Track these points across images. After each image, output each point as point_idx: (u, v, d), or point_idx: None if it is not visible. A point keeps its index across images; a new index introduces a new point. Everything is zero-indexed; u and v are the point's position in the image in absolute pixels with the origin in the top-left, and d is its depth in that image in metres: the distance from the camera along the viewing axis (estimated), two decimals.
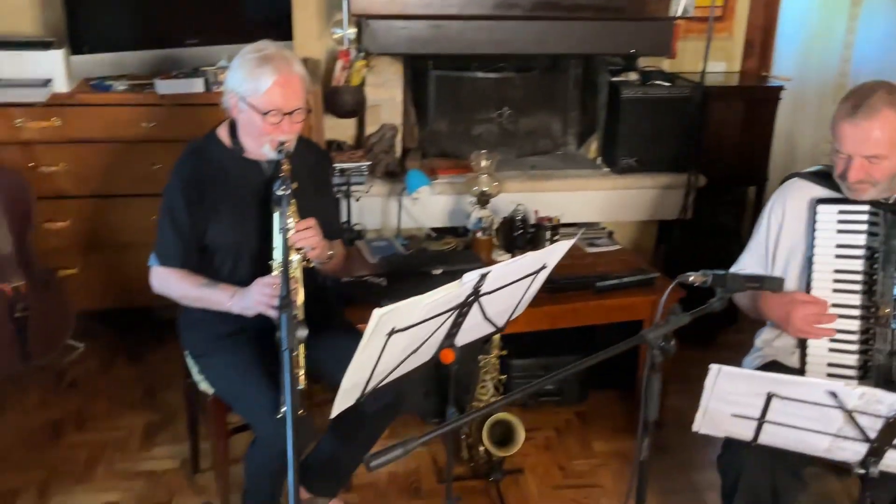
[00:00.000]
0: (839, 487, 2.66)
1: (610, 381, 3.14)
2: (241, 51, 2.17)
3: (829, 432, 1.52)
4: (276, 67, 2.08)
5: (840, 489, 2.66)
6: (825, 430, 1.52)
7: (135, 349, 3.38)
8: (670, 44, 3.59)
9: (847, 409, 1.45)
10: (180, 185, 2.18)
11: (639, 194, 3.69)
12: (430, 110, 3.79)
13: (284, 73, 2.09)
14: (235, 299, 2.12)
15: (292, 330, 1.52)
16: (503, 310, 1.86)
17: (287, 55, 2.16)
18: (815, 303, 2.01)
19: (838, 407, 1.46)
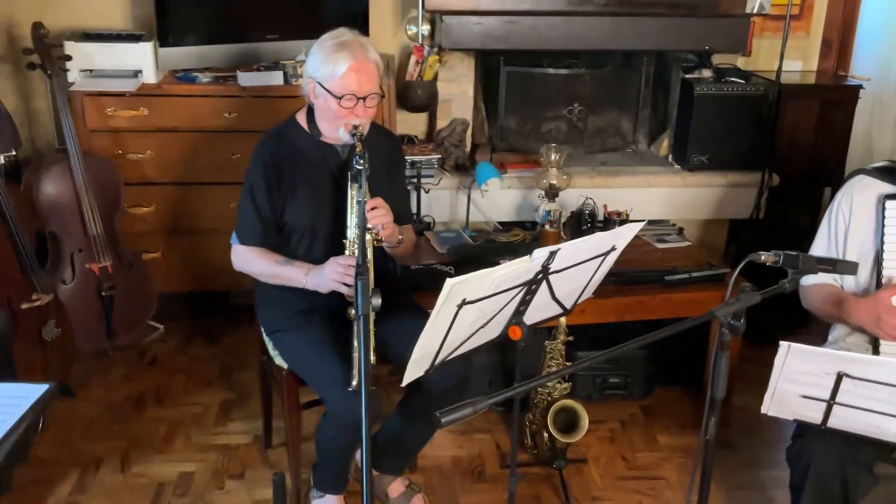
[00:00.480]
0: None
1: (676, 378, 3.12)
2: (320, 38, 2.26)
3: None
4: (352, 53, 2.16)
5: None
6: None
7: (211, 331, 3.52)
8: (745, 41, 3.56)
9: None
10: (260, 167, 2.28)
11: (709, 192, 3.66)
12: (500, 106, 3.84)
13: (360, 59, 2.17)
14: (310, 276, 2.21)
15: (367, 296, 1.57)
16: (571, 291, 1.88)
17: (363, 41, 2.24)
18: (875, 301, 1.96)
19: None
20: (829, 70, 3.96)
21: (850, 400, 1.54)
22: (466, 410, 1.30)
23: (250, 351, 3.32)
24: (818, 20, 3.92)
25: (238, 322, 3.58)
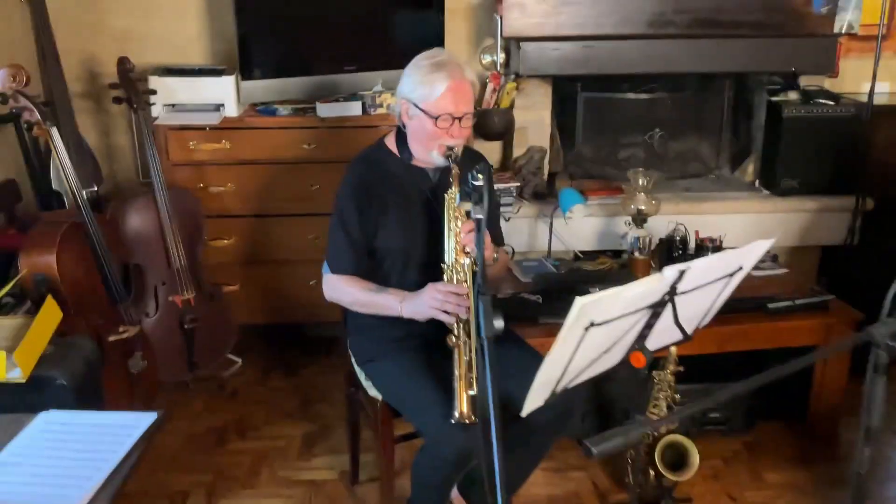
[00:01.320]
0: None
1: (778, 411, 2.96)
2: (414, 59, 2.22)
3: None
4: (449, 73, 2.12)
5: None
6: None
7: (289, 363, 3.47)
8: (833, 62, 3.44)
9: None
10: (350, 191, 2.23)
11: (800, 217, 3.52)
12: (577, 132, 3.77)
13: (457, 79, 2.12)
14: (406, 303, 2.14)
15: (489, 318, 1.49)
16: (693, 315, 1.78)
17: (459, 62, 2.19)
18: None
19: None
20: None
21: None
22: (618, 440, 1.19)
23: (330, 383, 3.28)
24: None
25: (315, 354, 3.54)
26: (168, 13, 3.55)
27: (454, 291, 2.05)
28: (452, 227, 2.12)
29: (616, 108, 3.75)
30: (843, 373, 2.80)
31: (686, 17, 3.34)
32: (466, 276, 2.09)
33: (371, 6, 3.42)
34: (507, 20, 3.31)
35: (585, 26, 3.34)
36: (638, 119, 3.77)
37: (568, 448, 2.80)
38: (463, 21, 3.67)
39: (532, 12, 3.31)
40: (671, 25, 3.35)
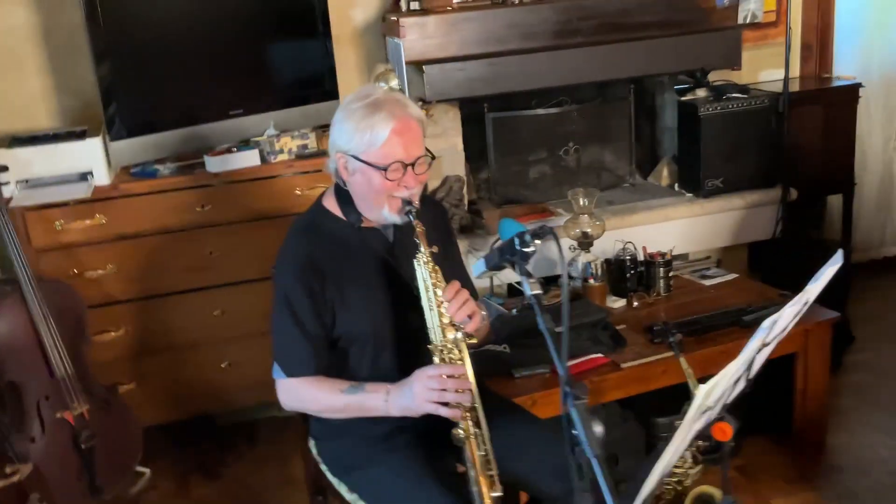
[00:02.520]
0: None
1: (761, 426, 2.79)
2: (342, 102, 1.84)
3: None
4: (389, 113, 1.75)
5: None
6: None
7: (206, 464, 2.95)
8: (738, 54, 3.36)
9: None
10: (296, 272, 1.81)
11: (729, 216, 3.41)
12: (489, 156, 3.50)
13: (401, 119, 1.75)
14: (393, 399, 1.75)
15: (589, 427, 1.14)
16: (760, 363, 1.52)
17: (398, 96, 1.84)
18: None
19: None
20: (812, 74, 3.84)
21: None
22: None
23: (263, 479, 2.81)
24: (796, 25, 3.79)
25: (234, 447, 3.04)
26: (2, 71, 2.96)
27: (450, 373, 1.69)
28: (432, 297, 1.75)
29: (525, 126, 3.52)
30: (824, 375, 2.68)
31: (592, 23, 3.16)
32: (461, 353, 1.74)
33: (250, 40, 2.99)
34: (408, 43, 2.99)
35: (488, 42, 3.08)
36: (548, 135, 3.56)
37: None
38: (350, 48, 3.32)
39: (433, 32, 3.02)
40: (578, 34, 3.16)
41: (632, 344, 2.51)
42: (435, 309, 1.75)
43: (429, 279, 1.75)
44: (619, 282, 2.87)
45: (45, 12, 2.95)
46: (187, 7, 2.87)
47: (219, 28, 2.92)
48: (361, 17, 3.32)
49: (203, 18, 2.89)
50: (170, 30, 2.82)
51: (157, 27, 2.80)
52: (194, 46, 2.88)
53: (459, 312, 1.74)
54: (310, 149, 2.92)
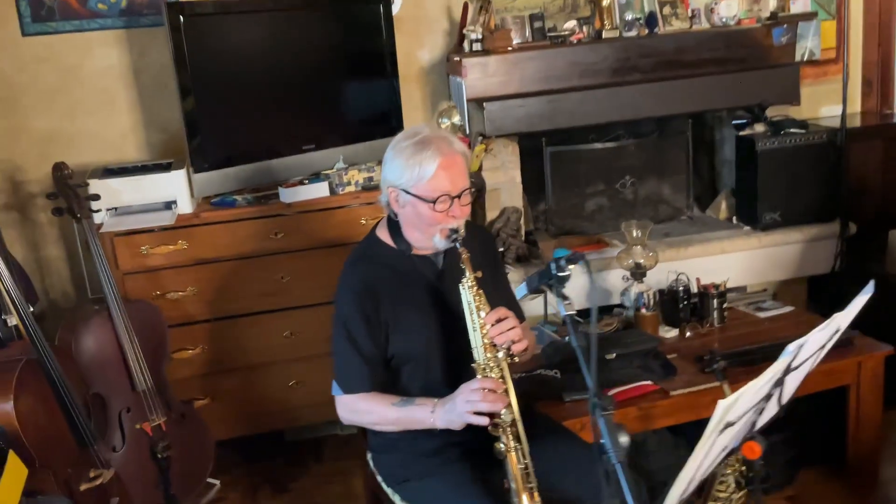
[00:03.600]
0: None
1: (817, 458, 2.81)
2: (392, 141, 1.99)
3: None
4: (437, 150, 1.89)
5: None
6: None
7: (276, 478, 3.11)
8: (797, 90, 3.41)
9: None
10: (353, 298, 1.96)
11: (787, 250, 3.44)
12: (547, 189, 3.61)
13: (447, 154, 1.90)
14: (439, 412, 1.87)
15: (614, 434, 1.25)
16: (791, 388, 1.59)
17: (444, 134, 1.98)
18: None
19: None
20: (873, 110, 3.85)
21: None
22: None
23: (329, 493, 2.95)
24: (856, 61, 3.82)
25: (303, 462, 3.19)
26: (94, 108, 3.24)
27: (488, 387, 1.80)
28: (476, 319, 1.87)
29: (583, 160, 3.62)
30: (877, 408, 2.68)
31: (650, 61, 3.27)
32: (503, 370, 1.85)
33: (323, 80, 3.20)
34: (469, 81, 3.15)
35: (549, 80, 3.22)
36: (605, 168, 3.65)
37: None
38: (416, 86, 3.50)
39: (494, 71, 3.18)
40: (636, 71, 3.27)
41: (682, 373, 2.57)
42: (478, 330, 1.86)
43: (473, 302, 1.87)
44: (672, 312, 2.93)
45: (137, 53, 3.21)
46: (265, 49, 3.09)
47: (294, 69, 3.13)
48: (427, 58, 3.50)
49: (280, 60, 3.10)
50: (249, 70, 3.04)
51: (238, 67, 3.02)
52: (271, 85, 3.09)
53: (500, 336, 1.85)
54: (375, 181, 3.09)
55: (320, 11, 3.19)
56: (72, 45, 3.18)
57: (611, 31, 3.22)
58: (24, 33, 3.12)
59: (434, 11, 3.44)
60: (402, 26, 3.38)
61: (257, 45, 3.07)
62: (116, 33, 3.20)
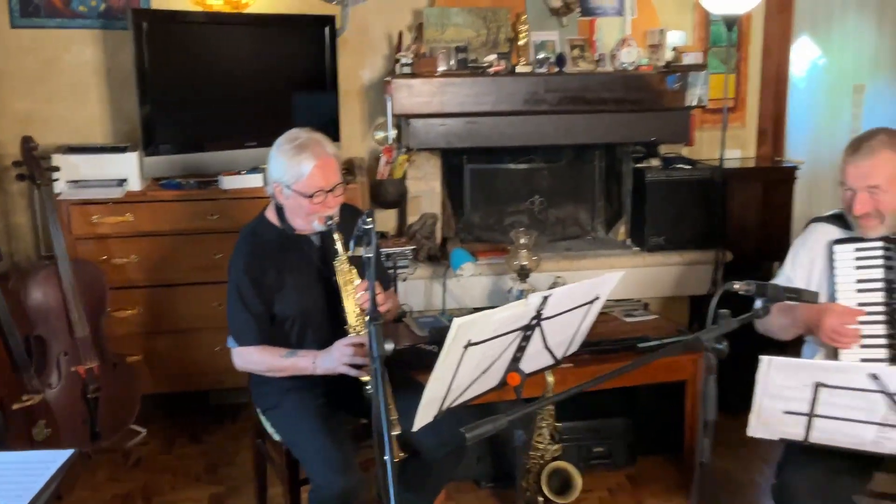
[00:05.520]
0: None
1: (657, 446, 3.22)
2: (276, 142, 2.39)
3: (875, 421, 1.65)
4: (313, 153, 2.31)
5: None
6: (870, 419, 1.65)
7: (195, 431, 3.52)
8: (688, 131, 3.88)
9: (889, 392, 1.59)
10: (243, 265, 2.38)
11: (668, 271, 3.88)
12: (465, 201, 4.07)
13: (322, 157, 2.32)
14: (319, 361, 2.29)
15: (381, 342, 1.68)
16: (561, 341, 2.02)
17: (318, 138, 2.37)
18: (848, 314, 2.13)
19: (881, 391, 1.59)
20: (767, 156, 4.31)
21: (827, 410, 1.68)
22: (488, 426, 1.40)
23: (237, 447, 3.35)
24: (752, 111, 4.30)
25: (221, 421, 3.60)
26: (70, 96, 3.70)
27: (360, 342, 2.22)
28: (349, 289, 2.30)
29: (499, 178, 4.08)
30: None
31: (556, 95, 3.72)
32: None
33: (270, 87, 3.66)
34: (397, 99, 3.61)
35: (466, 104, 3.67)
36: (520, 188, 4.11)
37: (466, 490, 2.97)
38: (357, 101, 3.96)
39: (419, 92, 3.63)
40: (544, 103, 3.72)
41: None
42: (350, 298, 2.30)
43: (346, 276, 2.30)
44: None
45: (110, 52, 3.68)
46: (220, 57, 3.56)
47: (244, 76, 3.59)
48: (368, 77, 3.97)
49: (231, 67, 3.57)
50: (203, 73, 3.51)
51: (193, 70, 3.49)
52: (222, 89, 3.55)
53: (367, 301, 2.26)
54: None
55: (271, 28, 3.67)
56: (54, 40, 3.65)
57: (524, 67, 3.68)
58: (13, 26, 3.59)
59: (376, 37, 3.91)
60: (347, 48, 3.86)
61: (212, 52, 3.54)
62: (94, 33, 3.67)
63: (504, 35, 3.81)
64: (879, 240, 2.17)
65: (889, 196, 2.11)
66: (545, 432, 2.69)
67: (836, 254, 2.22)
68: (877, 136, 2.15)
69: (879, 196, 2.12)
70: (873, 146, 2.13)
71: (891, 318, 2.13)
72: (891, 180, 2.11)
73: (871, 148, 2.13)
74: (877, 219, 2.15)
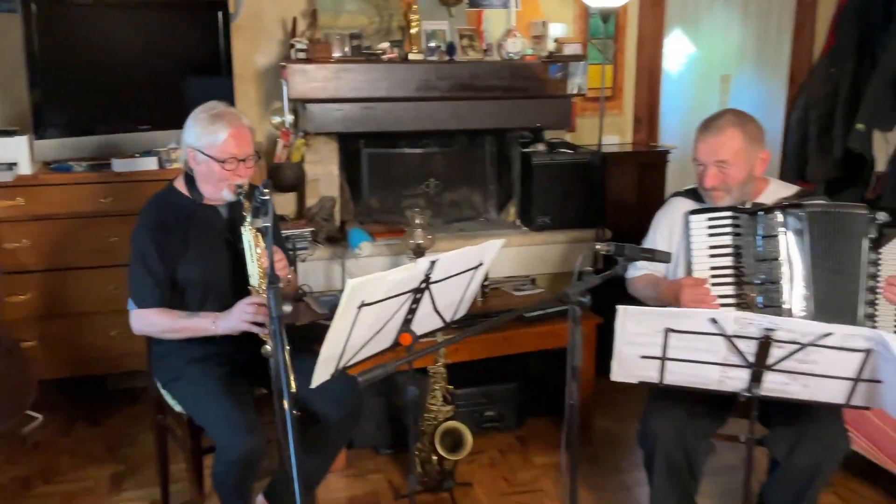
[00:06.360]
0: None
1: (544, 409, 3.46)
2: (193, 112, 2.50)
3: (717, 361, 1.89)
4: (228, 121, 2.43)
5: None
6: (714, 359, 1.89)
7: (92, 414, 3.53)
8: (570, 118, 4.13)
9: (727, 335, 1.84)
10: (147, 230, 2.46)
11: (554, 248, 4.13)
12: (363, 185, 4.20)
13: (236, 125, 2.44)
14: (219, 322, 2.37)
15: (279, 303, 1.80)
16: (449, 304, 2.19)
17: (235, 111, 2.51)
18: (698, 283, 2.40)
19: (720, 333, 1.84)
20: (642, 142, 4.63)
21: (677, 353, 1.92)
22: (378, 371, 1.55)
23: (136, 428, 3.38)
24: (629, 100, 4.60)
25: (119, 405, 3.62)
26: None
27: (261, 302, 2.32)
28: (254, 253, 2.40)
29: (396, 162, 4.23)
30: (590, 371, 3.35)
31: (447, 82, 3.89)
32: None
33: (163, 71, 3.68)
34: (292, 84, 3.69)
35: (362, 90, 3.79)
36: (416, 172, 4.26)
37: (365, 457, 3.13)
38: (252, 85, 4.02)
39: (314, 77, 3.72)
40: (435, 89, 3.88)
41: None
42: (255, 262, 2.39)
43: (252, 241, 2.40)
44: None
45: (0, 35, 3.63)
46: (110, 40, 3.55)
47: (136, 59, 3.61)
48: (263, 62, 4.03)
49: (123, 50, 3.57)
50: (94, 57, 3.50)
51: (84, 54, 3.48)
52: (113, 72, 3.55)
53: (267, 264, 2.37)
54: None
55: (163, 12, 3.68)
56: None
57: (416, 55, 3.84)
58: None
59: (270, 22, 3.98)
60: (242, 33, 3.92)
61: (104, 36, 3.54)
62: None
63: (396, 23, 3.95)
64: (728, 209, 2.44)
65: (735, 170, 2.38)
66: (438, 394, 2.87)
67: (692, 223, 2.48)
68: (724, 116, 2.42)
69: (727, 170, 2.38)
70: (721, 125, 2.39)
71: (738, 279, 2.41)
72: (737, 155, 2.37)
73: (718, 127, 2.39)
74: (725, 191, 2.42)
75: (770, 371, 1.89)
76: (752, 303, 2.36)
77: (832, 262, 2.27)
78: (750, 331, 1.82)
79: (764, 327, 1.81)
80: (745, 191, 2.42)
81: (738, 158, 2.37)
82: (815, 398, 1.93)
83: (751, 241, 2.39)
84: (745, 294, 2.38)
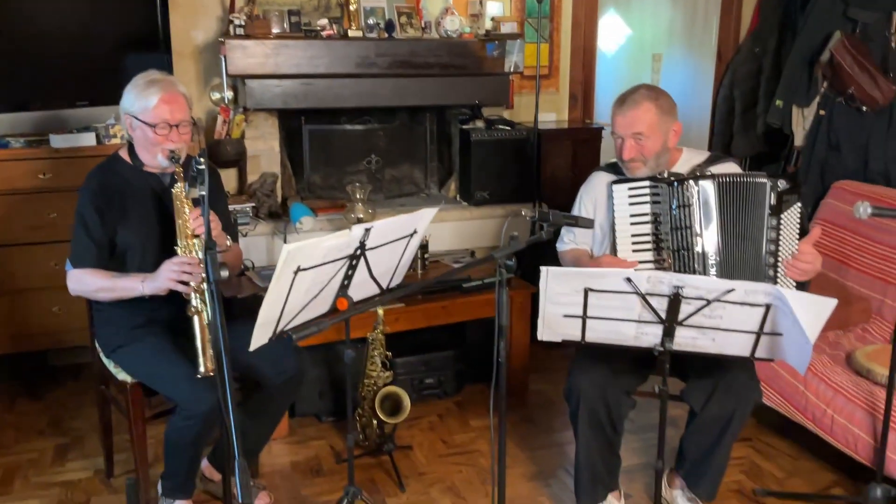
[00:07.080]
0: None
1: (482, 376, 3.58)
2: (132, 80, 2.54)
3: (633, 319, 2.03)
4: (161, 87, 2.48)
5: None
6: (629, 317, 2.03)
7: (35, 389, 3.54)
8: (507, 95, 4.24)
9: (641, 293, 1.98)
10: (90, 195, 2.50)
11: (493, 222, 4.25)
12: (305, 161, 4.25)
13: (170, 91, 2.49)
14: (147, 282, 2.41)
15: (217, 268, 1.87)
16: (385, 271, 2.29)
17: (171, 78, 2.55)
18: (615, 263, 2.54)
19: (634, 292, 1.98)
20: (578, 119, 4.77)
21: (596, 312, 2.05)
22: (312, 328, 1.64)
23: (79, 402, 3.42)
24: (564, 78, 4.73)
25: (62, 380, 3.63)
26: None
27: (187, 262, 2.36)
28: (181, 215, 2.44)
29: (337, 139, 4.30)
30: (525, 339, 3.49)
31: (387, 59, 3.96)
32: (198, 252, 2.40)
33: (100, 47, 3.67)
34: (231, 60, 3.72)
35: (301, 66, 3.84)
36: (357, 148, 4.34)
37: (307, 424, 3.22)
38: (191, 62, 4.03)
39: (253, 53, 3.76)
40: (375, 66, 3.95)
41: None
42: (182, 223, 2.43)
43: (182, 202, 2.43)
44: None
45: None
46: (45, 16, 3.54)
47: (72, 35, 3.60)
48: (202, 38, 4.04)
49: (58, 26, 3.56)
50: (29, 33, 3.49)
51: (18, 30, 3.46)
52: (49, 47, 3.53)
53: (200, 228, 2.39)
54: None
55: None
56: None
57: (356, 32, 3.90)
58: None
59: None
60: (179, 8, 3.92)
61: (38, 11, 3.51)
62: None
63: (335, 0, 4.00)
64: (647, 179, 2.58)
65: (650, 142, 2.52)
66: (377, 360, 2.97)
67: (614, 192, 2.62)
68: (639, 91, 2.56)
69: (643, 142, 2.52)
70: (636, 99, 2.53)
71: (656, 244, 2.56)
72: (651, 127, 2.51)
73: (634, 101, 2.53)
74: (642, 162, 2.56)
75: (681, 326, 2.03)
76: (669, 268, 2.51)
77: (739, 227, 2.43)
78: (661, 289, 1.96)
79: (673, 284, 1.95)
80: (660, 161, 2.57)
81: (652, 130, 2.51)
82: (723, 351, 2.09)
83: (667, 209, 2.53)
84: (664, 259, 2.53)
